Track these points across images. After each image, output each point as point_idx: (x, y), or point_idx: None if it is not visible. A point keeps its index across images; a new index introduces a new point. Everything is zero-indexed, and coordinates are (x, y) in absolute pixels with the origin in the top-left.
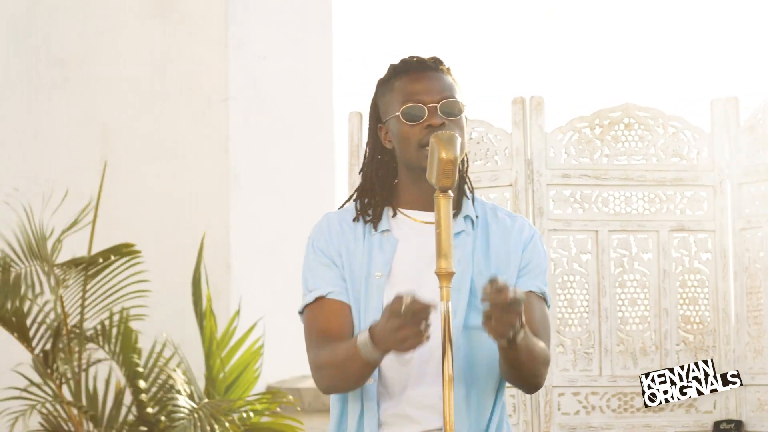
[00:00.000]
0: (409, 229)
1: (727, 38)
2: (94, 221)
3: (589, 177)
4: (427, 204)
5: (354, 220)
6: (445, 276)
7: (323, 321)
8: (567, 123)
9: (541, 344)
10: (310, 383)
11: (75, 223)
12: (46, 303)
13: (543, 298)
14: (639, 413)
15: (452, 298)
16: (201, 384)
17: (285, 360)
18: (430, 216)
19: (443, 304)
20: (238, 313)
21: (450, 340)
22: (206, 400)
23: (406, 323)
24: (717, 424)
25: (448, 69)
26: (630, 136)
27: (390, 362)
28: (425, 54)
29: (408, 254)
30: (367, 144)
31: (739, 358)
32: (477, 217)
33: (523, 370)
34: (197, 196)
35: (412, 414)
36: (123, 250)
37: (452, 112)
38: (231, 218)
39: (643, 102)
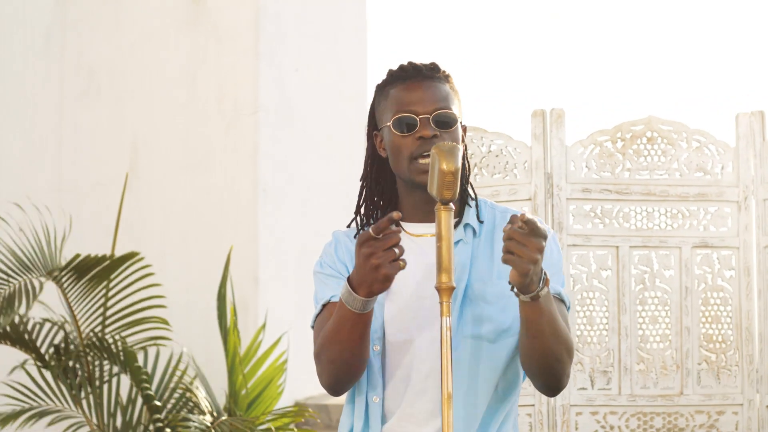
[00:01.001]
0: (409, 241)
1: (753, 51)
2: (115, 233)
3: (610, 192)
4: (422, 215)
5: (355, 236)
6: (445, 291)
7: (327, 322)
8: (588, 136)
9: (566, 327)
10: (337, 399)
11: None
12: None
13: (560, 299)
14: None
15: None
16: (224, 400)
17: (313, 375)
18: (424, 227)
19: (444, 320)
20: (263, 327)
21: (450, 357)
22: (224, 417)
23: (376, 249)
24: None
25: (446, 76)
26: (653, 150)
27: (391, 378)
28: (428, 59)
29: (407, 268)
30: (366, 152)
31: (763, 377)
32: (482, 222)
33: (545, 345)
34: (225, 209)
35: (413, 430)
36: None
37: (446, 123)
38: (259, 231)
39: (667, 115)
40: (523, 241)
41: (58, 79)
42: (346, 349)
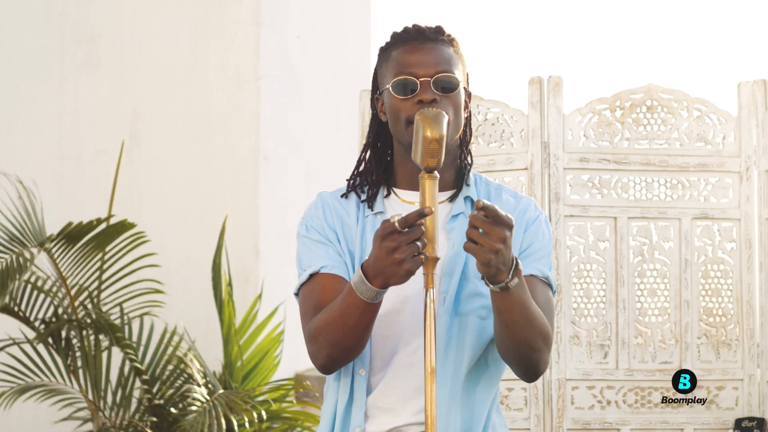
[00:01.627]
0: (400, 207)
1: (755, 18)
2: (111, 200)
3: (608, 161)
4: (416, 183)
5: (342, 196)
6: (429, 261)
7: (318, 295)
8: (586, 105)
9: (541, 314)
10: None
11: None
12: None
13: (547, 283)
14: (657, 409)
15: (443, 283)
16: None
17: None
18: (418, 195)
19: (428, 292)
20: (259, 297)
21: (434, 331)
22: (220, 390)
23: (400, 244)
24: (738, 421)
25: (451, 40)
26: (652, 119)
27: (378, 351)
28: (433, 23)
29: None
30: (371, 117)
31: (764, 352)
32: (479, 196)
33: (519, 336)
34: (226, 178)
35: (398, 406)
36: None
37: (447, 87)
38: (260, 201)
39: (667, 84)
40: (486, 229)
41: (59, 48)
42: (350, 337)
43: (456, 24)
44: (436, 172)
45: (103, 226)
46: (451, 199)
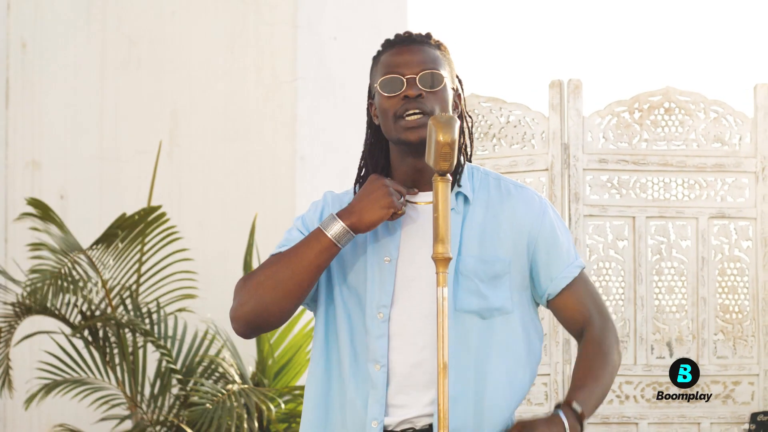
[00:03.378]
0: (408, 209)
1: None
2: (149, 198)
3: (627, 162)
4: (416, 183)
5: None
6: (441, 261)
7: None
8: (605, 107)
9: (606, 365)
10: None
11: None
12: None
13: (583, 273)
14: (674, 403)
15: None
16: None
17: None
18: (419, 196)
19: (439, 290)
20: None
21: (446, 327)
22: (241, 386)
23: (389, 184)
24: (754, 415)
25: (438, 44)
26: (670, 120)
27: (392, 348)
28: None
29: (412, 235)
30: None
31: None
32: (474, 191)
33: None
34: (263, 177)
35: (409, 401)
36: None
37: (431, 83)
38: (296, 200)
39: (684, 86)
40: None
41: (100, 49)
42: (295, 278)
43: (480, 29)
44: (448, 175)
45: (136, 214)
46: None
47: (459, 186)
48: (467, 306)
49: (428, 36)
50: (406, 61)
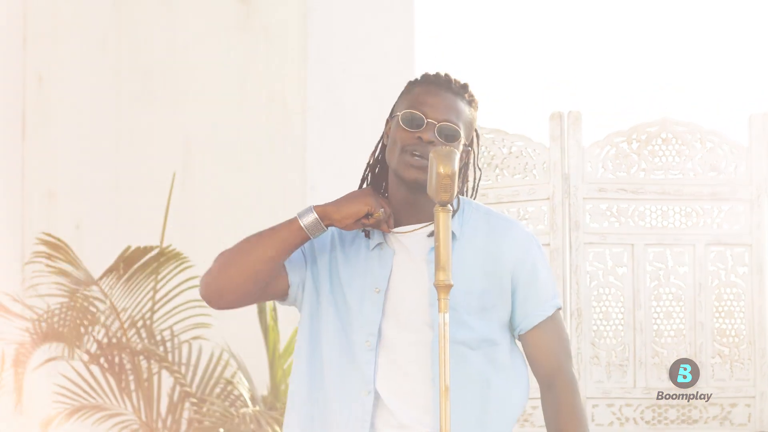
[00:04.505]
0: (394, 237)
1: (766, 53)
2: (163, 229)
3: (625, 191)
4: (407, 214)
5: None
6: (443, 288)
7: None
8: (604, 138)
9: (579, 416)
10: None
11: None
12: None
13: (557, 310)
14: (673, 425)
15: (431, 313)
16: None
17: None
18: (409, 228)
19: (441, 317)
20: None
21: (447, 352)
22: (252, 408)
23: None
24: None
25: (471, 99)
26: (667, 150)
27: (381, 376)
28: (463, 76)
29: (402, 267)
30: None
31: None
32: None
33: None
34: (275, 207)
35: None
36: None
37: (448, 135)
38: None
39: (681, 117)
40: None
41: (115, 81)
42: (259, 254)
43: (483, 64)
44: (449, 205)
45: (153, 253)
46: (433, 233)
47: (462, 211)
48: (455, 336)
49: (465, 88)
50: (435, 104)
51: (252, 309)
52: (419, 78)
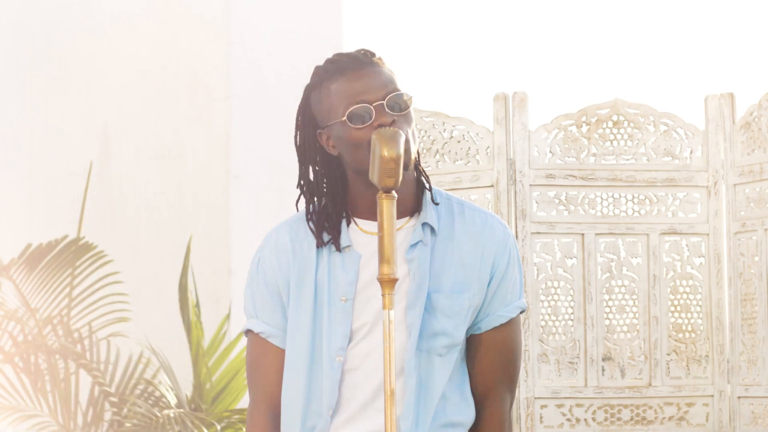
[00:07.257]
0: (365, 239)
1: (722, 32)
2: (80, 221)
3: (575, 177)
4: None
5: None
6: (387, 283)
7: (256, 357)
8: (552, 120)
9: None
10: None
11: None
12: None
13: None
14: (627, 426)
15: (408, 317)
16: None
17: None
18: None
19: (385, 313)
20: (227, 318)
21: (392, 353)
22: (176, 410)
23: None
24: None
25: (380, 59)
26: (619, 134)
27: (343, 393)
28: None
29: (370, 271)
30: (303, 155)
31: (733, 368)
32: (439, 218)
33: None
34: (197, 197)
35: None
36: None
37: (400, 107)
38: (231, 219)
39: (633, 98)
40: None
41: (28, 67)
42: None
43: (421, 41)
44: (393, 192)
45: (64, 243)
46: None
47: (420, 214)
48: (431, 345)
49: (370, 53)
50: (367, 87)
51: (173, 305)
52: (322, 75)
